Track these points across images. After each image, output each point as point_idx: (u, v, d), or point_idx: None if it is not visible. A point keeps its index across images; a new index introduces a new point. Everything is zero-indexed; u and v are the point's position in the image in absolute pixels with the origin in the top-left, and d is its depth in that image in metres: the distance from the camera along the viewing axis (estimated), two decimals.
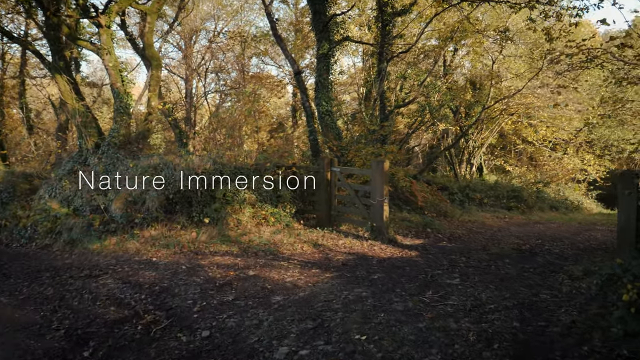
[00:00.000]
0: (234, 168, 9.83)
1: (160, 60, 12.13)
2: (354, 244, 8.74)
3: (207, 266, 6.88)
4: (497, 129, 22.43)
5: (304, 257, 7.58)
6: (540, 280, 6.09)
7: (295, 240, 8.74)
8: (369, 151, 13.04)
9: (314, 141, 14.14)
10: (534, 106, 19.70)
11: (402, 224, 11.09)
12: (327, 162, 10.23)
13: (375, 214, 9.26)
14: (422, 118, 19.53)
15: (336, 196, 10.37)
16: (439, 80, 19.49)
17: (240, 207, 9.39)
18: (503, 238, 10.54)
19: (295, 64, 15.04)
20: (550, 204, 18.78)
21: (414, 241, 9.55)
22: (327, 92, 13.61)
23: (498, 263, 7.36)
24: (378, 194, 9.16)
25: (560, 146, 23.47)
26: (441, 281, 5.92)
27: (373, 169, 9.28)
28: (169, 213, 9.04)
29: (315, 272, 6.50)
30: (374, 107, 15.52)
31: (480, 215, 15.04)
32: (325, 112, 13.53)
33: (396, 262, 7.26)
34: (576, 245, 9.78)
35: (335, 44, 13.43)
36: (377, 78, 15.52)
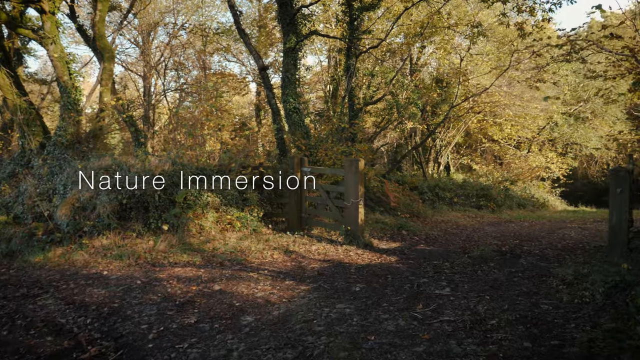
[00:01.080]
0: (196, 169, 9.02)
1: (113, 52, 11.14)
2: (328, 249, 8.11)
3: (166, 280, 6.08)
4: (464, 128, 22.37)
5: (275, 267, 6.88)
6: (533, 287, 5.62)
7: (264, 246, 8.02)
8: (339, 150, 12.46)
9: (281, 140, 13.45)
10: (501, 104, 19.68)
11: (376, 226, 10.55)
12: (297, 161, 9.55)
13: (349, 217, 8.66)
14: (389, 116, 19.16)
15: (307, 198, 9.71)
16: (406, 78, 19.16)
17: (203, 211, 8.59)
18: (480, 239, 10.17)
19: (260, 59, 14.28)
20: (518, 202, 18.76)
21: (391, 245, 9.01)
22: (294, 89, 12.93)
23: (483, 267, 6.90)
24: (352, 195, 8.56)
25: (525, 144, 23.67)
26: (430, 291, 5.36)
27: (346, 169, 8.68)
28: (123, 220, 8.14)
29: (289, 284, 5.82)
30: (343, 105, 14.95)
31: (452, 215, 14.72)
32: (292, 110, 12.85)
33: (376, 269, 6.67)
34: (554, 245, 9.49)
35: (303, 38, 12.77)
36: (346, 75, 14.96)
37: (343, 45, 15.30)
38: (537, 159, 21.53)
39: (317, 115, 17.55)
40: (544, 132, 23.04)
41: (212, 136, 9.90)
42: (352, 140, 14.15)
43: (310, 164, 12.26)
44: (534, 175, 21.44)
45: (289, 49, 12.83)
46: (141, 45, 25.06)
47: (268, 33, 23.62)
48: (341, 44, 16.19)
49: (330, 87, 20.19)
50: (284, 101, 13.04)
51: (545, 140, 23.56)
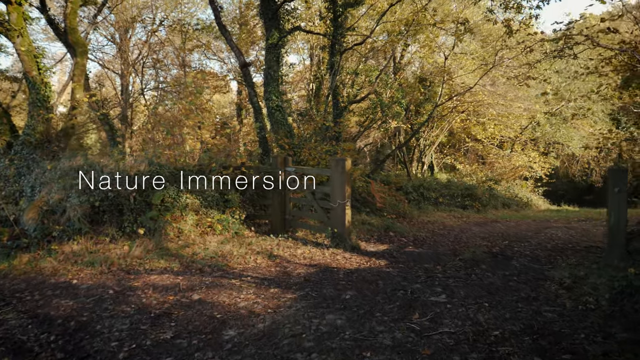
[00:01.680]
0: (174, 169, 8.55)
1: (86, 47, 10.57)
2: (314, 253, 7.73)
3: (141, 289, 5.63)
4: (448, 127, 22.24)
5: (258, 272, 6.48)
6: (531, 292, 5.35)
7: (246, 251, 7.61)
8: (323, 149, 12.10)
9: (263, 139, 13.03)
10: (485, 103, 19.58)
11: (362, 227, 10.22)
12: (280, 161, 9.16)
13: (336, 218, 8.30)
14: (373, 116, 18.89)
15: (291, 199, 9.32)
16: (389, 77, 18.91)
17: (182, 214, 8.14)
18: (469, 240, 9.92)
19: (241, 56, 13.83)
20: (502, 201, 18.68)
21: (379, 247, 8.68)
22: (277, 86, 12.52)
23: (476, 271, 6.62)
24: (339, 196, 8.21)
25: (508, 144, 23.66)
26: (425, 299, 5.03)
27: (332, 168, 8.32)
28: (96, 224, 7.64)
29: (275, 293, 5.43)
30: (327, 103, 14.60)
31: (438, 215, 14.50)
32: (275, 108, 12.44)
33: (366, 274, 6.32)
34: (543, 246, 9.30)
35: (286, 33, 12.37)
36: (330, 72, 14.61)
37: (327, 43, 14.95)
38: (520, 159, 21.51)
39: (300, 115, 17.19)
40: (526, 131, 23.06)
41: (191, 135, 9.44)
42: (337, 139, 13.81)
43: (294, 163, 11.88)
44: (517, 175, 21.42)
45: (272, 45, 12.42)
46: (118, 43, 24.33)
47: (249, 31, 23.14)
48: (324, 41, 15.85)
49: (313, 86, 19.84)
50: (266, 99, 12.62)
51: (527, 140, 23.59)
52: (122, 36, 24.15)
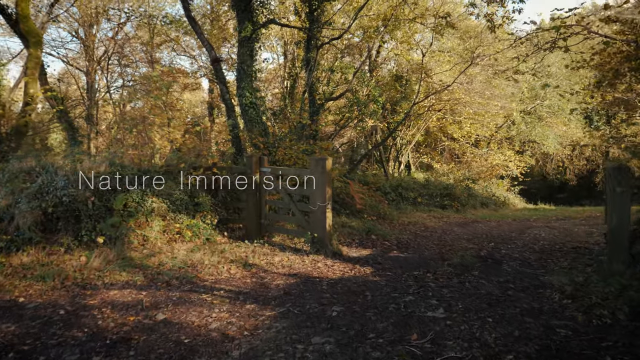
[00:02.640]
0: (138, 170, 7.81)
1: (41, 37, 9.67)
2: (294, 260, 7.13)
3: (98, 308, 4.92)
4: (424, 126, 21.96)
5: (232, 285, 5.84)
6: (534, 302, 4.89)
7: (219, 259, 6.95)
8: (300, 148, 11.51)
9: (236, 138, 12.34)
10: (462, 101, 19.35)
11: (343, 231, 9.67)
12: (255, 161, 8.52)
13: (316, 222, 7.72)
14: (350, 114, 18.39)
15: (267, 202, 8.69)
16: (366, 75, 18.45)
17: (147, 219, 7.41)
18: (453, 242, 9.50)
19: (212, 50, 13.08)
20: (480, 201, 18.46)
21: (361, 252, 8.14)
22: (250, 82, 11.86)
23: (469, 278, 6.15)
24: (319, 198, 7.63)
25: (483, 143, 23.55)
26: (421, 314, 4.50)
27: (312, 169, 7.73)
28: (49, 232, 6.84)
29: (251, 309, 4.81)
30: (303, 100, 14.00)
31: (418, 216, 14.09)
32: (249, 105, 11.77)
33: (351, 285, 5.76)
34: (530, 247, 8.97)
35: (259, 26, 11.71)
36: (306, 69, 14.03)
37: (302, 37, 14.36)
38: (496, 157, 21.40)
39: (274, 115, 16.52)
40: (501, 130, 23.01)
41: (158, 133, 8.70)
42: (314, 138, 13.25)
43: (270, 163, 11.25)
44: (494, 174, 21.30)
45: (245, 38, 11.75)
46: (83, 38, 23.14)
47: (221, 27, 22.33)
48: (300, 36, 15.25)
49: (287, 84, 19.21)
50: (239, 95, 11.94)
51: (503, 139, 23.55)
52: (86, 32, 22.98)
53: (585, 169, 24.79)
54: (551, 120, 23.46)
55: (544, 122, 22.94)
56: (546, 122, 23.27)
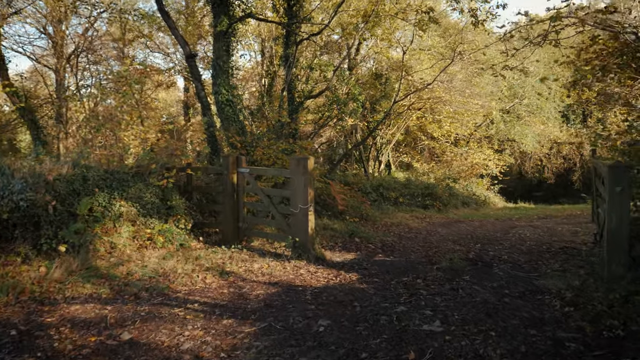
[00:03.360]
0: (105, 172, 7.23)
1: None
2: (274, 267, 6.68)
3: (56, 327, 4.39)
4: (404, 125, 21.72)
5: (208, 296, 5.35)
6: (535, 311, 4.56)
7: (194, 267, 6.44)
8: (279, 147, 11.05)
9: (212, 137, 11.82)
10: (442, 100, 19.16)
11: (325, 233, 9.25)
12: (232, 161, 8.02)
13: (297, 225, 7.28)
14: (329, 113, 17.99)
15: (245, 204, 8.20)
16: (345, 73, 18.09)
17: (115, 225, 6.86)
18: (439, 244, 9.19)
19: (186, 45, 12.50)
20: (462, 200, 18.29)
21: (345, 256, 7.74)
22: (227, 78, 11.34)
23: (461, 283, 5.81)
24: (300, 200, 7.19)
25: (463, 142, 23.46)
26: (416, 327, 4.11)
27: (292, 169, 7.29)
28: (4, 241, 6.22)
29: (229, 325, 4.34)
30: (282, 98, 13.53)
31: (400, 216, 13.77)
32: (225, 102, 11.25)
33: (337, 293, 5.34)
34: (517, 248, 8.72)
35: (236, 20, 11.20)
36: (284, 66, 13.57)
37: (280, 33, 13.89)
38: (476, 156, 21.32)
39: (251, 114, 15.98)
40: (480, 129, 22.96)
41: (128, 132, 8.12)
42: (293, 137, 12.80)
43: (248, 163, 10.76)
44: (474, 173, 21.20)
45: (221, 33, 11.22)
46: (51, 35, 22.16)
47: (196, 24, 21.67)
48: (278, 32, 14.77)
49: (265, 81, 18.71)
50: (215, 92, 11.40)
51: (482, 138, 23.51)
52: (55, 28, 22.02)
53: (562, 167, 24.95)
54: (529, 119, 23.53)
55: (523, 121, 22.98)
56: (525, 121, 23.32)
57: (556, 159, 24.80)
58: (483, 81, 19.80)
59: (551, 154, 24.74)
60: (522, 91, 21.63)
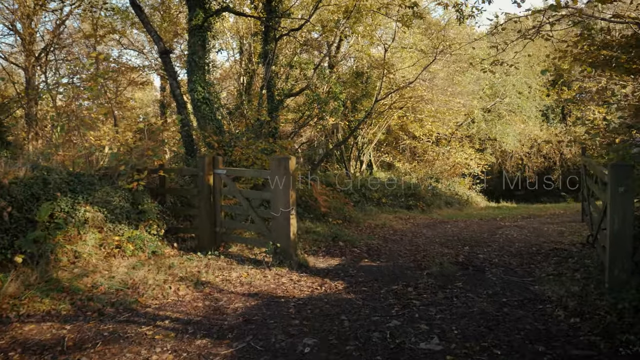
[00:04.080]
0: (69, 175, 6.65)
1: None
2: (254, 275, 6.20)
3: (4, 352, 3.85)
4: (386, 125, 21.42)
5: (180, 311, 4.85)
6: (538, 323, 4.21)
7: (166, 277, 5.92)
8: (259, 147, 10.56)
9: (188, 137, 11.27)
10: (424, 99, 18.90)
11: (307, 237, 8.80)
12: (208, 162, 7.51)
13: (278, 230, 6.81)
14: (310, 112, 17.55)
15: (223, 207, 7.69)
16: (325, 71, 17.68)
17: (80, 232, 6.29)
18: (426, 247, 8.83)
19: (161, 41, 11.89)
20: (445, 200, 18.06)
21: (330, 262, 7.31)
22: (203, 74, 10.80)
23: (454, 291, 5.44)
24: (282, 203, 6.73)
25: (444, 141, 23.30)
26: (412, 346, 3.70)
27: (273, 170, 6.83)
28: None
29: (202, 346, 3.87)
30: (261, 96, 13.04)
31: (384, 218, 13.39)
32: (201, 100, 10.72)
33: (323, 305, 4.91)
34: (506, 250, 8.44)
35: (212, 13, 10.67)
36: (264, 62, 13.08)
37: (259, 29, 13.38)
38: (459, 155, 21.15)
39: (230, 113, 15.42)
40: (461, 128, 22.81)
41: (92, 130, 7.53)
42: (273, 136, 12.32)
43: (226, 164, 10.25)
44: (456, 173, 21.02)
45: (196, 27, 10.68)
46: (20, 32, 21.18)
47: (172, 20, 20.97)
48: (256, 27, 14.26)
49: (244, 80, 18.17)
50: (190, 90, 10.86)
51: (463, 137, 23.38)
52: (24, 24, 21.06)
53: (543, 166, 25.01)
54: (510, 118, 23.50)
55: (504, 120, 22.93)
56: (505, 120, 23.27)
57: (536, 157, 24.84)
58: (465, 79, 19.63)
59: (531, 153, 24.77)
60: (504, 90, 21.54)
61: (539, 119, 24.30)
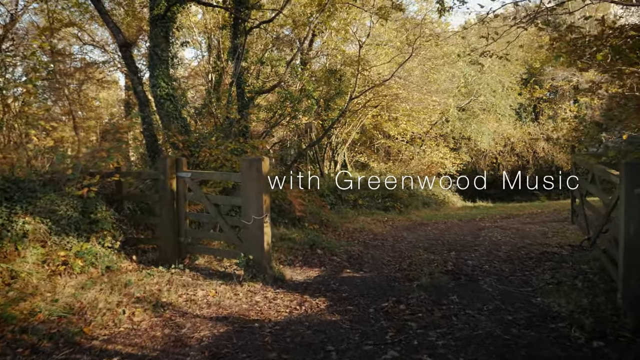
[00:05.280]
0: (5, 181, 5.74)
1: None
2: (223, 294, 5.44)
3: None
4: (360, 124, 20.86)
5: (134, 343, 4.06)
6: (556, 347, 3.63)
7: (120, 298, 5.09)
8: (228, 147, 9.76)
9: (151, 137, 10.40)
10: (400, 97, 18.41)
11: (283, 245, 8.07)
12: (170, 164, 6.69)
13: (250, 240, 6.06)
14: (282, 111, 16.80)
15: (188, 215, 6.88)
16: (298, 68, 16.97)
17: (18, 247, 5.39)
18: (410, 253, 8.24)
19: (120, 33, 10.94)
20: (422, 200, 17.60)
21: (308, 273, 6.61)
22: (166, 69, 9.94)
23: (451, 308, 4.84)
24: (254, 209, 5.99)
25: (419, 140, 22.92)
26: None
27: (244, 172, 6.08)
28: None
29: None
30: (230, 93, 12.22)
31: (362, 220, 12.76)
32: (165, 96, 9.85)
33: (304, 331, 4.20)
34: (494, 255, 7.94)
35: (175, 1, 9.80)
36: (233, 57, 12.27)
37: (228, 21, 12.54)
38: (434, 155, 20.78)
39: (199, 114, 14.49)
40: (436, 127, 22.48)
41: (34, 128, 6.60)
42: (244, 135, 11.53)
43: (192, 166, 9.41)
44: (432, 172, 20.64)
45: (158, 17, 9.80)
46: None
47: (136, 15, 19.83)
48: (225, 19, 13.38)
49: (213, 77, 17.26)
50: (152, 85, 9.97)
51: (437, 136, 23.05)
52: None
53: (516, 165, 24.96)
54: (484, 116, 23.32)
55: (478, 119, 22.72)
56: (480, 119, 23.08)
57: (510, 156, 24.77)
58: (440, 77, 19.24)
59: (505, 152, 24.68)
60: (479, 87, 21.29)
61: (512, 118, 24.22)
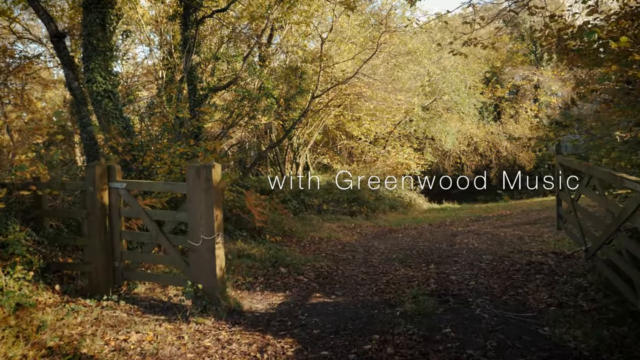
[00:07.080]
0: None
1: None
2: (164, 337, 4.31)
3: None
4: (322, 124, 19.94)
5: None
6: None
7: (26, 351, 3.90)
8: (177, 151, 8.58)
9: (90, 140, 9.10)
10: (364, 96, 17.61)
11: (240, 264, 6.97)
12: (100, 172, 5.48)
13: (200, 265, 4.97)
14: (240, 110, 15.65)
15: (123, 234, 5.68)
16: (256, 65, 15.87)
17: None
18: (385, 267, 7.37)
19: (52, 22, 9.55)
20: (389, 203, 16.84)
21: (271, 299, 5.58)
22: (104, 61, 8.65)
23: (449, 347, 3.95)
24: (204, 227, 4.90)
25: (382, 140, 22.25)
26: None
27: (191, 181, 4.98)
28: None
29: None
30: (180, 89, 10.99)
31: (328, 228, 11.83)
32: (102, 93, 8.57)
33: None
34: (478, 267, 7.22)
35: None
36: (184, 50, 11.05)
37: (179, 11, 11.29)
38: (399, 156, 20.11)
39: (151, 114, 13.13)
40: (399, 126, 21.86)
41: None
42: (197, 137, 10.35)
43: (136, 173, 8.20)
44: (398, 174, 19.96)
45: (91, 3, 8.50)
46: None
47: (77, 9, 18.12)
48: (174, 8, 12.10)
49: (163, 74, 15.88)
50: (88, 80, 8.66)
51: (401, 136, 22.46)
52: None
53: (480, 165, 24.74)
54: (448, 116, 22.92)
55: (443, 119, 22.27)
56: (443, 118, 22.66)
57: (474, 156, 24.51)
58: (405, 75, 18.60)
59: (469, 151, 24.40)
60: (443, 86, 20.80)
61: (475, 117, 23.96)
